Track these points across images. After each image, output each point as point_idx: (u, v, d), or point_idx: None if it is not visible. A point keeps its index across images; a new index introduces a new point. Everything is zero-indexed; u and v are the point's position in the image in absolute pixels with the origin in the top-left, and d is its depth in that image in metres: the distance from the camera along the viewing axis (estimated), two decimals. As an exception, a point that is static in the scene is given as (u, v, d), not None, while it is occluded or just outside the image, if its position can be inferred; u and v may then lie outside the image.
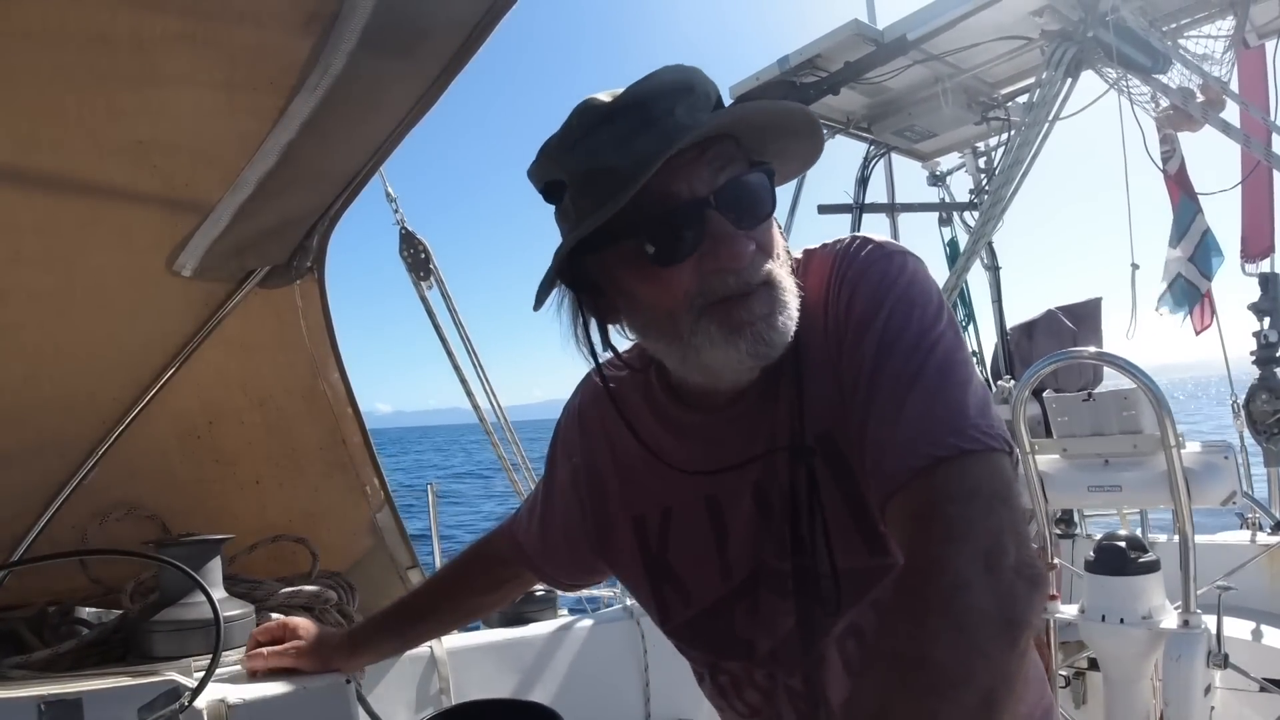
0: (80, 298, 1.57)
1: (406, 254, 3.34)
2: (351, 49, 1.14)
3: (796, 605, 0.89)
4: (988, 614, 0.62)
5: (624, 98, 0.78)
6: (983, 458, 0.72)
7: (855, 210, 4.93)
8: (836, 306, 0.83)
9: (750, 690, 0.96)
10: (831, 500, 0.85)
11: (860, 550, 0.85)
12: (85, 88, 1.13)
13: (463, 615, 1.35)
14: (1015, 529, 0.68)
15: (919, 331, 0.78)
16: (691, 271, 0.78)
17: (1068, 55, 3.09)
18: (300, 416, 2.04)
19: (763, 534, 0.90)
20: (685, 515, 0.95)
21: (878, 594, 0.86)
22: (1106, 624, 2.27)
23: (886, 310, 0.80)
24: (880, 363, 0.78)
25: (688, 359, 0.82)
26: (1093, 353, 2.62)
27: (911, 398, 0.75)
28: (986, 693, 0.58)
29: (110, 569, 1.82)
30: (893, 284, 0.81)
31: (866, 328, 0.80)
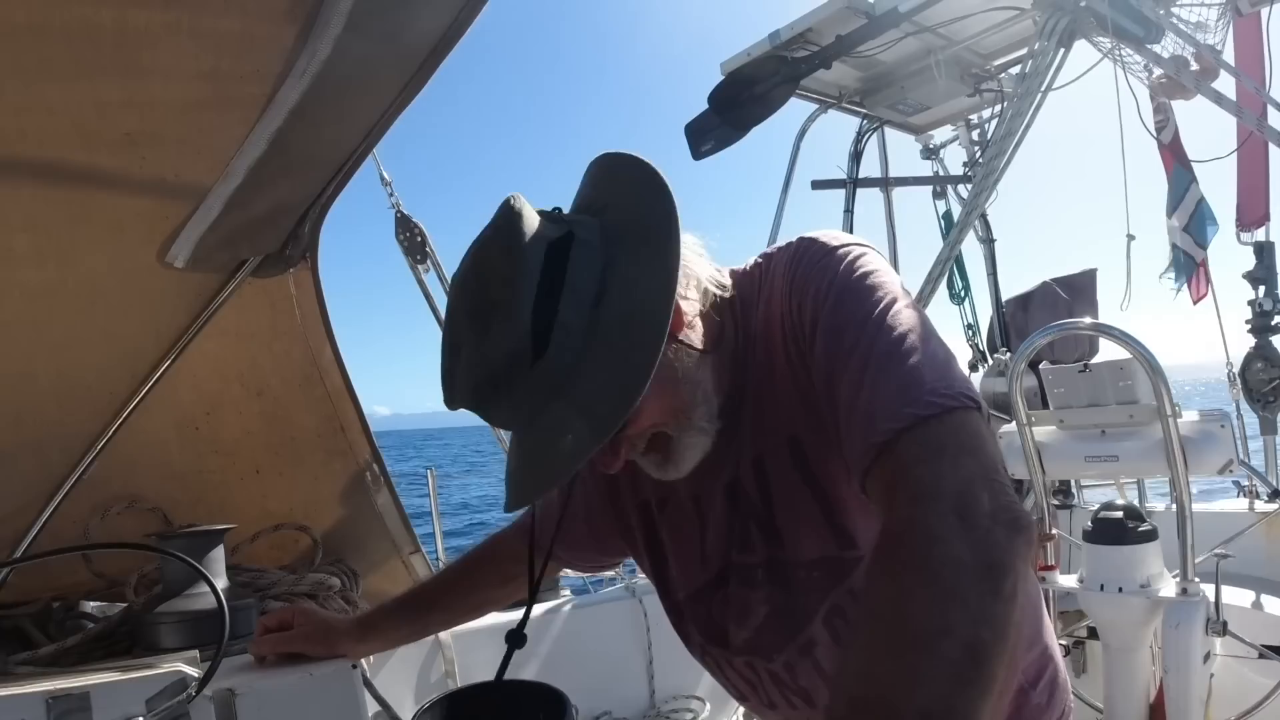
0: (74, 293, 1.56)
1: (402, 237, 3.32)
2: (338, 34, 1.13)
3: (769, 595, 0.93)
4: (963, 562, 0.61)
5: (452, 296, 0.80)
6: (943, 419, 0.71)
7: (849, 185, 4.90)
8: (791, 314, 0.86)
9: (733, 674, 1.02)
10: (801, 497, 0.89)
11: (830, 543, 0.89)
12: (71, 80, 1.12)
13: (472, 609, 1.34)
14: (987, 476, 0.67)
15: (861, 317, 0.79)
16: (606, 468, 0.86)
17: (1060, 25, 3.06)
18: (298, 404, 2.04)
19: (731, 532, 0.96)
20: (678, 507, 1.02)
21: (854, 582, 0.88)
22: (1105, 593, 2.29)
23: (830, 304, 0.82)
24: (834, 357, 0.80)
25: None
26: (1088, 324, 2.62)
27: (865, 381, 0.76)
28: (970, 640, 0.57)
29: (113, 562, 1.83)
30: (835, 277, 0.83)
31: (816, 328, 0.82)
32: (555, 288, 0.75)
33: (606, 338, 0.75)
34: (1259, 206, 4.14)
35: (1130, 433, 2.44)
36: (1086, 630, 2.77)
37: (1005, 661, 0.58)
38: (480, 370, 0.76)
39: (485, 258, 0.78)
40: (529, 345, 0.74)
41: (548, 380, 0.75)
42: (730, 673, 1.02)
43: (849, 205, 4.90)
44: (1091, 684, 2.80)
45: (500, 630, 2.55)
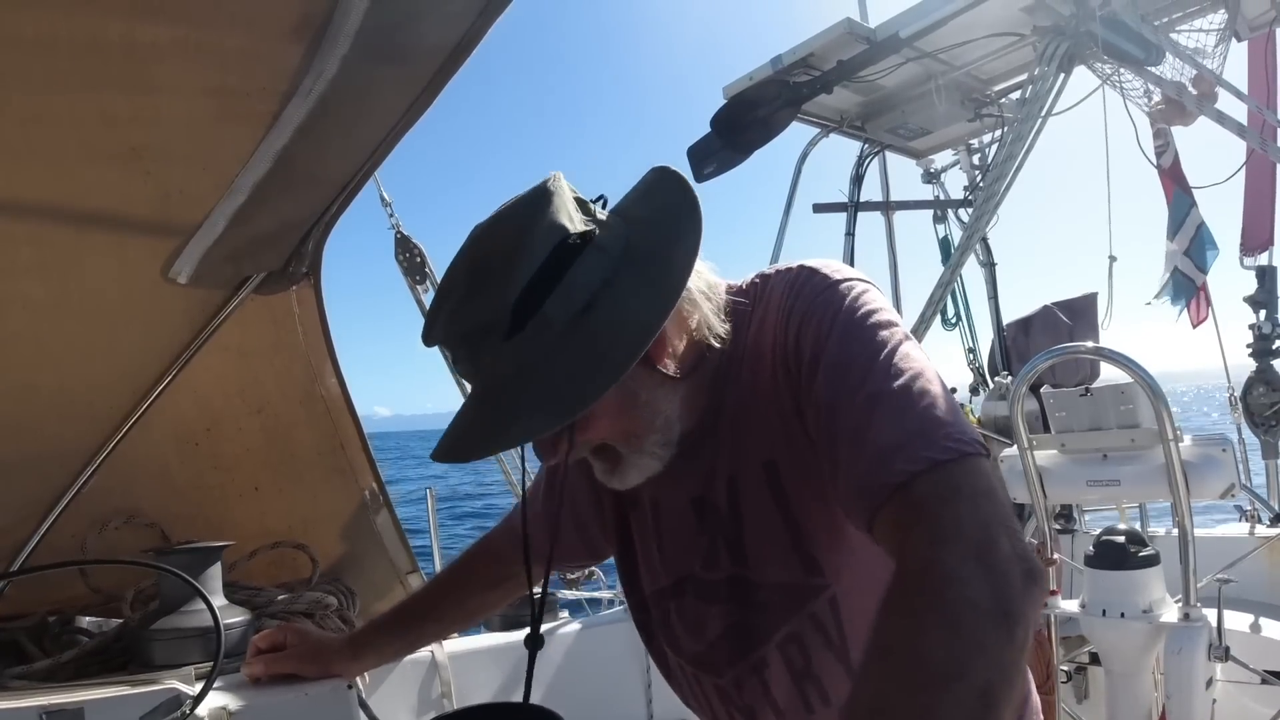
0: (76, 307, 1.57)
1: (402, 258, 3.34)
2: (344, 54, 1.14)
3: (727, 611, 0.93)
4: (982, 607, 0.61)
5: (441, 284, 0.83)
6: (959, 464, 0.72)
7: (850, 208, 4.93)
8: (784, 344, 0.85)
9: (684, 680, 1.03)
10: (772, 522, 0.89)
11: (796, 568, 0.88)
12: (78, 95, 1.13)
13: (465, 615, 1.35)
14: (1004, 521, 0.68)
15: (868, 356, 0.79)
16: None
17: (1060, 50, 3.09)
18: (298, 422, 2.04)
19: (693, 545, 0.96)
20: (641, 511, 1.03)
21: (814, 609, 0.89)
22: (1107, 618, 2.27)
23: (835, 339, 0.81)
24: (838, 392, 0.79)
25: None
26: (1090, 347, 2.62)
27: (876, 419, 0.75)
28: (984, 686, 0.57)
29: (110, 577, 1.82)
30: (838, 312, 0.82)
31: (818, 362, 0.81)
32: (551, 282, 0.76)
33: (580, 343, 0.76)
34: (1264, 231, 4.15)
35: (1132, 457, 2.44)
36: (1088, 656, 2.75)
37: (1012, 707, 0.59)
38: (457, 325, 0.79)
39: (501, 227, 0.80)
40: (505, 323, 0.76)
41: (514, 360, 0.77)
42: (680, 678, 1.04)
43: (850, 229, 4.92)
44: (1094, 710, 2.78)
45: (497, 651, 2.55)
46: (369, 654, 1.29)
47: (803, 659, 0.91)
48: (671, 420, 0.87)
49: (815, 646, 0.90)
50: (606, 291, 0.78)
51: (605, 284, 0.78)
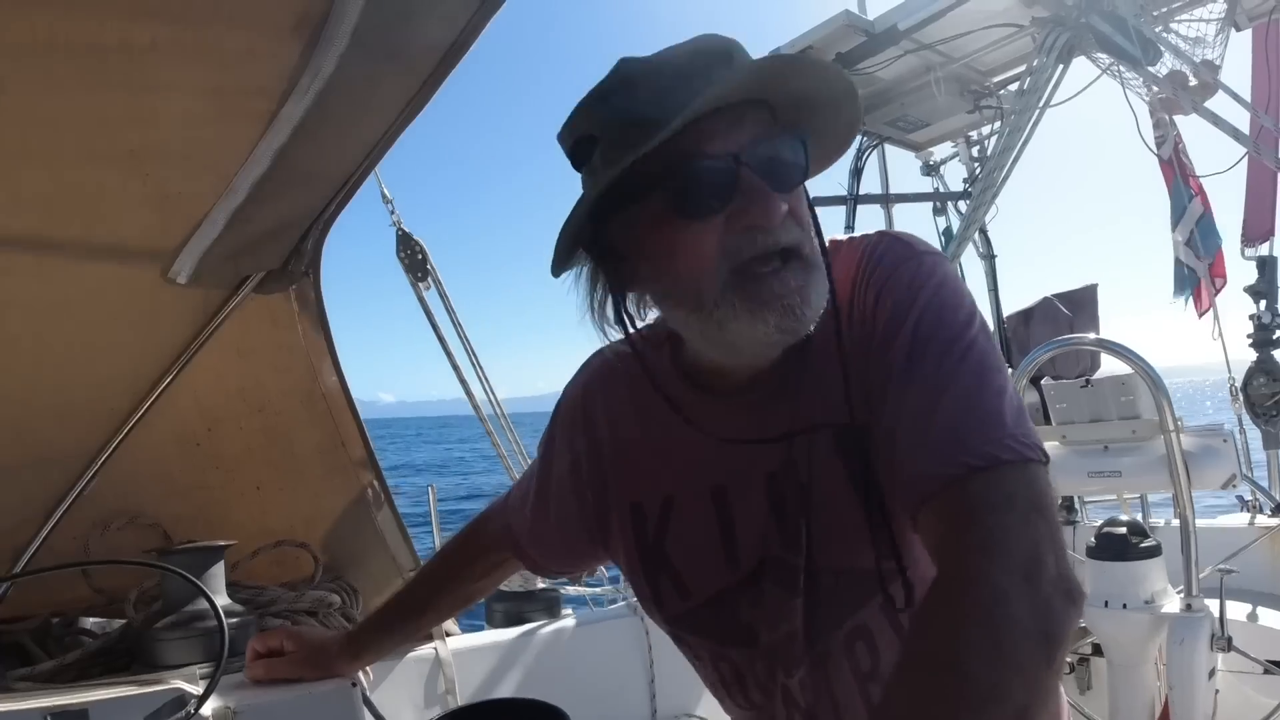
0: (76, 308, 1.57)
1: (404, 255, 3.34)
2: (341, 51, 1.14)
3: (805, 603, 0.86)
4: (1025, 628, 0.60)
5: (662, 55, 0.76)
6: (1019, 468, 0.69)
7: (850, 202, 4.92)
8: (861, 307, 0.81)
9: (750, 681, 0.93)
10: (845, 497, 0.82)
11: (866, 552, 0.82)
12: (76, 96, 1.12)
13: (459, 603, 1.32)
14: (1054, 540, 0.66)
15: (951, 336, 0.75)
16: (719, 231, 0.73)
17: (1059, 41, 3.09)
18: (299, 421, 2.04)
19: (772, 526, 0.87)
20: (688, 505, 0.92)
21: (879, 602, 0.84)
22: (1109, 609, 2.28)
23: (917, 313, 0.76)
24: (912, 367, 0.75)
25: (708, 332, 0.77)
26: (1091, 339, 2.63)
27: (944, 403, 0.72)
28: (1021, 709, 0.57)
29: (113, 578, 1.82)
30: (922, 286, 0.78)
31: (896, 331, 0.77)
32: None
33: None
34: (1265, 221, 4.15)
35: (1133, 448, 2.44)
36: (1091, 647, 2.76)
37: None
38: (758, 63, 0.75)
39: (696, 41, 0.78)
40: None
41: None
42: (746, 680, 0.93)
43: (849, 222, 4.92)
44: (1096, 701, 2.78)
45: (501, 647, 2.55)
46: (368, 651, 1.29)
47: (870, 657, 0.86)
48: (822, 279, 0.78)
49: (883, 643, 0.86)
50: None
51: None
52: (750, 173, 0.72)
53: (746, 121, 0.74)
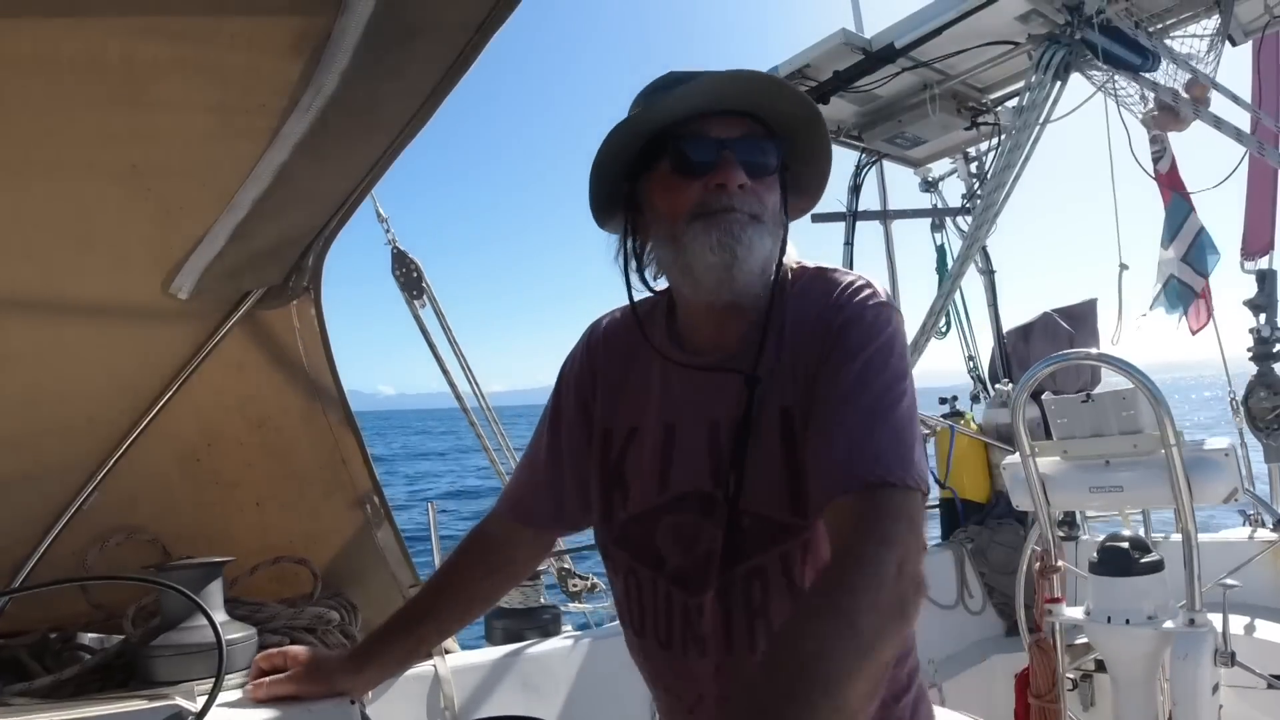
0: (77, 322, 1.57)
1: (399, 273, 3.35)
2: (344, 69, 1.15)
3: (716, 534, 1.04)
4: (894, 603, 0.84)
5: (697, 72, 1.03)
6: (912, 494, 0.93)
7: (849, 218, 4.94)
8: (827, 324, 1.03)
9: (648, 606, 1.12)
10: (775, 461, 1.03)
11: (785, 507, 1.02)
12: (78, 112, 1.13)
13: (463, 609, 1.33)
14: (920, 549, 0.90)
15: (892, 379, 0.98)
16: (699, 190, 1.01)
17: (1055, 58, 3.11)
18: (299, 437, 2.04)
19: (705, 465, 1.06)
20: (645, 435, 1.13)
21: (787, 549, 1.03)
22: (1112, 625, 2.27)
23: (871, 350, 0.99)
24: (859, 389, 0.97)
25: (678, 259, 1.03)
26: (1091, 354, 2.63)
27: (879, 428, 0.94)
28: (886, 662, 0.81)
29: (111, 594, 1.81)
30: (880, 331, 1.02)
31: (853, 357, 0.99)
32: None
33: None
34: (1264, 235, 4.15)
35: (1134, 462, 2.43)
36: (1094, 663, 2.74)
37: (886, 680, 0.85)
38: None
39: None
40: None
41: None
42: (647, 598, 1.11)
43: (849, 238, 4.93)
44: (1101, 717, 2.77)
45: (501, 664, 2.54)
46: (372, 667, 1.28)
47: (761, 595, 1.04)
48: (772, 250, 1.04)
49: (775, 586, 1.03)
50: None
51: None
52: (729, 154, 1.01)
53: (739, 125, 1.02)
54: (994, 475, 4.14)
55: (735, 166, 1.00)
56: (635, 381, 1.16)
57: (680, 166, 1.02)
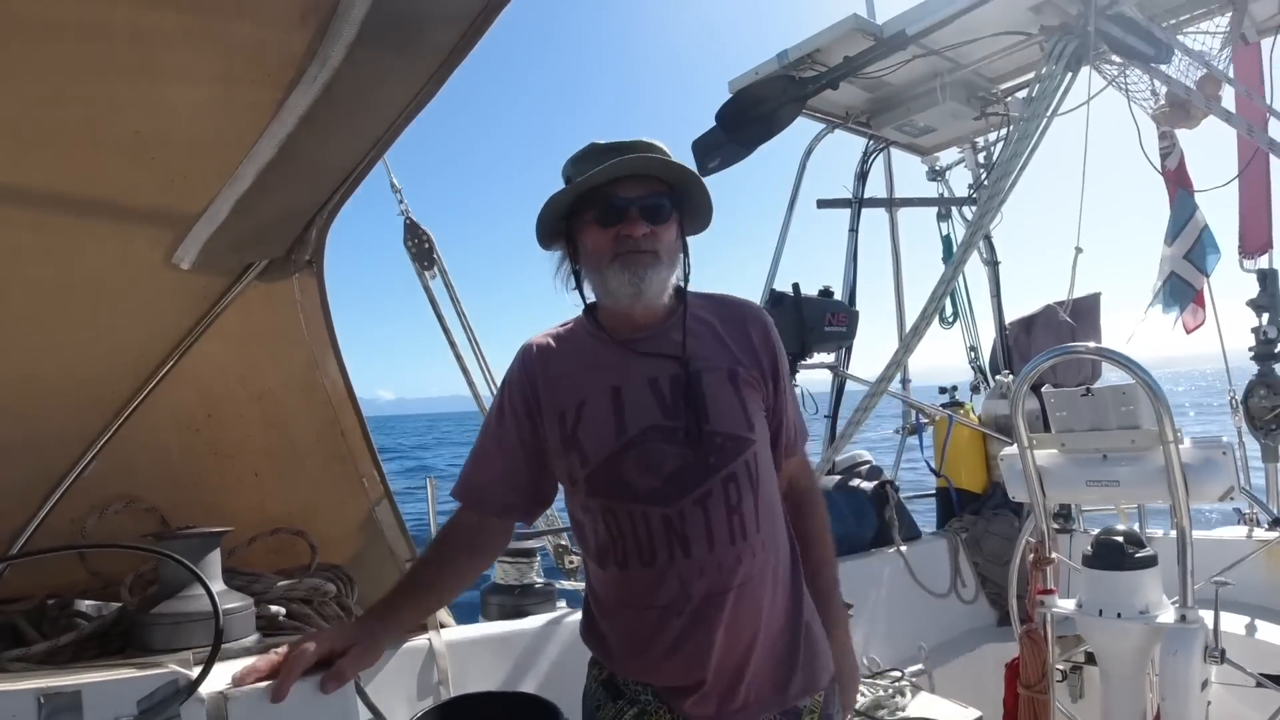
0: (79, 291, 1.57)
1: (411, 244, 3.34)
2: (350, 42, 1.14)
3: (682, 453, 1.34)
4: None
5: (612, 142, 1.40)
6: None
7: (854, 204, 4.92)
8: (749, 324, 1.50)
9: (630, 528, 1.34)
10: (730, 397, 1.40)
11: (743, 424, 1.39)
12: (83, 81, 1.13)
13: (454, 580, 1.47)
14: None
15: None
16: (613, 236, 1.36)
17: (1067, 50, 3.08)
18: (299, 409, 2.04)
19: (654, 407, 1.37)
20: (594, 401, 1.39)
21: (747, 456, 1.37)
22: (1104, 618, 2.28)
23: (783, 355, 1.53)
24: (782, 382, 1.51)
25: (603, 284, 1.39)
26: (1091, 348, 2.62)
27: (795, 413, 1.58)
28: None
29: (109, 562, 1.82)
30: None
31: (778, 358, 1.51)
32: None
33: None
34: (1262, 234, 4.13)
35: (1132, 458, 2.43)
36: (1084, 655, 2.75)
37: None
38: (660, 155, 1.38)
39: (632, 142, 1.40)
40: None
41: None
42: (625, 526, 1.35)
43: (854, 224, 4.91)
44: (1089, 709, 2.78)
45: (495, 640, 2.55)
46: (382, 637, 1.30)
47: (737, 493, 1.35)
48: (668, 277, 1.41)
49: (744, 486, 1.36)
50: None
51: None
52: (635, 210, 1.36)
53: (643, 186, 1.37)
54: (991, 466, 4.14)
55: (638, 219, 1.35)
56: (574, 369, 1.44)
57: (599, 219, 1.37)
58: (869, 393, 2.94)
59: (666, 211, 1.39)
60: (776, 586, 1.40)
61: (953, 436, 4.23)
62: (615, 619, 1.43)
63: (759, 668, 1.37)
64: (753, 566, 1.35)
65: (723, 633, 1.33)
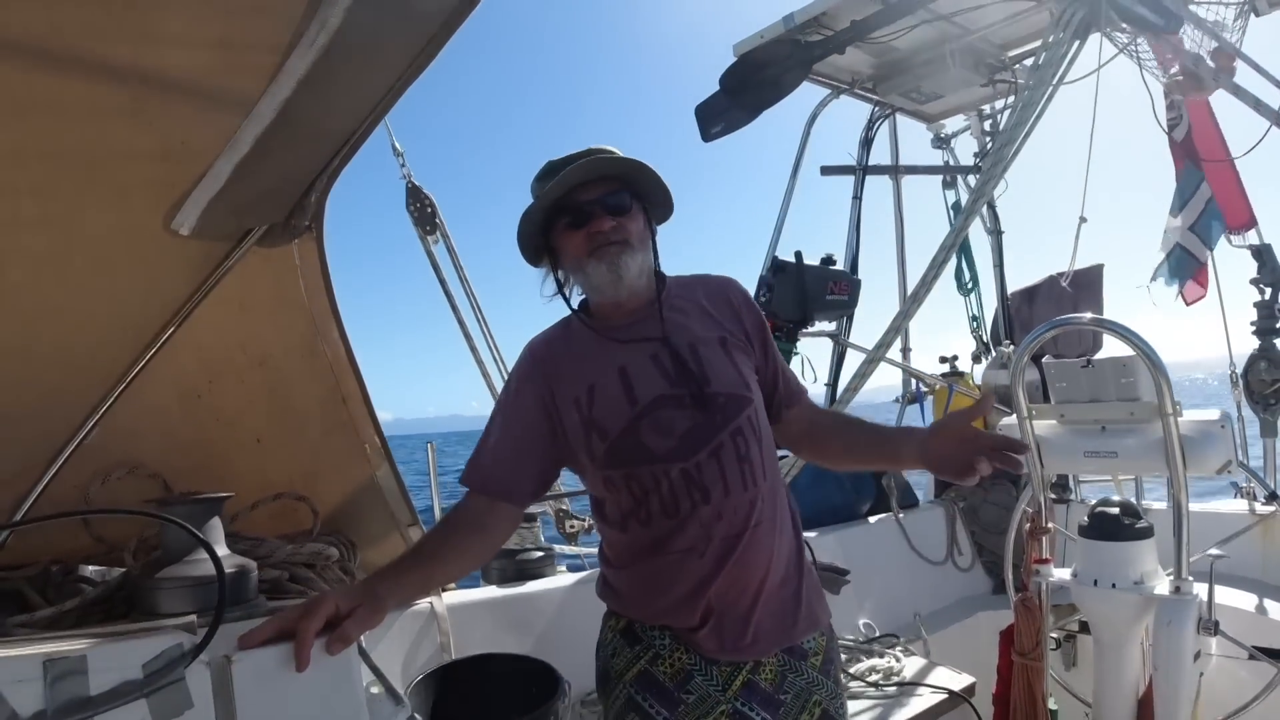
0: (78, 258, 1.56)
1: (413, 208, 3.32)
2: (348, 5, 1.12)
3: (691, 415, 1.46)
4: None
5: (568, 156, 1.51)
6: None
7: (858, 172, 4.88)
8: (731, 296, 1.65)
9: (654, 486, 1.45)
10: (724, 362, 1.53)
11: (741, 385, 1.52)
12: (80, 44, 1.11)
13: (458, 557, 1.49)
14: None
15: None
16: (585, 235, 1.48)
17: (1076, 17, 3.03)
18: (300, 375, 2.04)
19: (659, 378, 1.48)
20: (603, 383, 1.50)
21: (749, 412, 1.50)
22: (1099, 588, 2.30)
23: (760, 314, 1.67)
24: (768, 339, 1.66)
25: (587, 280, 1.52)
26: (1092, 319, 2.61)
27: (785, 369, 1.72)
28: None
29: (113, 528, 1.84)
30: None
31: (760, 318, 1.66)
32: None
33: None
34: (1241, 209, 4.12)
35: (1130, 430, 2.44)
36: (1078, 624, 2.78)
37: None
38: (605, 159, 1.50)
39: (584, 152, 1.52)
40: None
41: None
42: (650, 485, 1.45)
43: (857, 192, 4.88)
44: (1081, 678, 2.82)
45: (496, 603, 2.57)
46: (391, 599, 1.30)
47: (744, 445, 1.47)
48: (643, 261, 1.52)
49: (750, 438, 1.49)
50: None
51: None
52: (600, 208, 1.48)
53: (601, 186, 1.49)
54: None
55: (603, 215, 1.48)
56: (579, 360, 1.54)
57: (570, 224, 1.50)
58: (867, 359, 2.93)
59: (627, 203, 1.51)
60: (781, 532, 1.52)
61: (952, 406, 4.24)
62: (635, 569, 1.54)
63: (767, 606, 1.49)
64: (762, 511, 1.48)
65: (739, 570, 1.46)
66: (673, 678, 1.49)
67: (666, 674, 1.50)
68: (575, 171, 1.46)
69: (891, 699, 2.55)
